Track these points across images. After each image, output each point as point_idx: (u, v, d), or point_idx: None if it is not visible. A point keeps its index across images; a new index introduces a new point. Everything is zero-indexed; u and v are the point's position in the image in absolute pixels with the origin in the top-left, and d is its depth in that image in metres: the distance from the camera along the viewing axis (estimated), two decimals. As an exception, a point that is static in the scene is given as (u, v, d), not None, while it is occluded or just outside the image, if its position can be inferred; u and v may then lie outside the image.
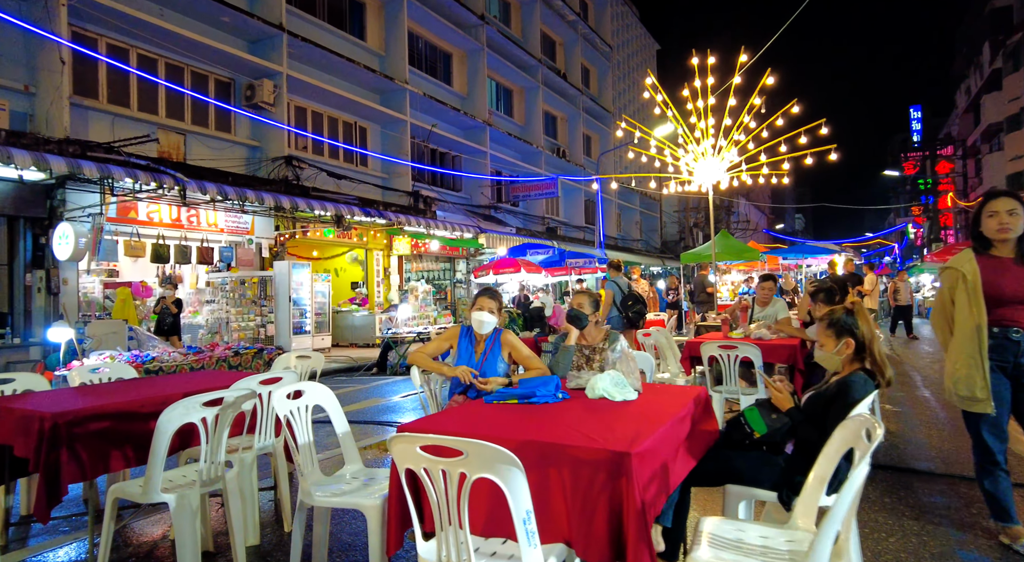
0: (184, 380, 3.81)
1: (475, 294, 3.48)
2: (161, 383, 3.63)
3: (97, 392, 3.34)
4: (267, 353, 7.58)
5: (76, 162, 7.95)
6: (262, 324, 13.94)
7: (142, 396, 3.07)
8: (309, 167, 14.51)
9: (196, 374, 4.22)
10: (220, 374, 4.16)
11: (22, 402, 2.97)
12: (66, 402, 2.92)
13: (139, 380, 3.90)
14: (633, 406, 2.48)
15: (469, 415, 2.45)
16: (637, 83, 38.69)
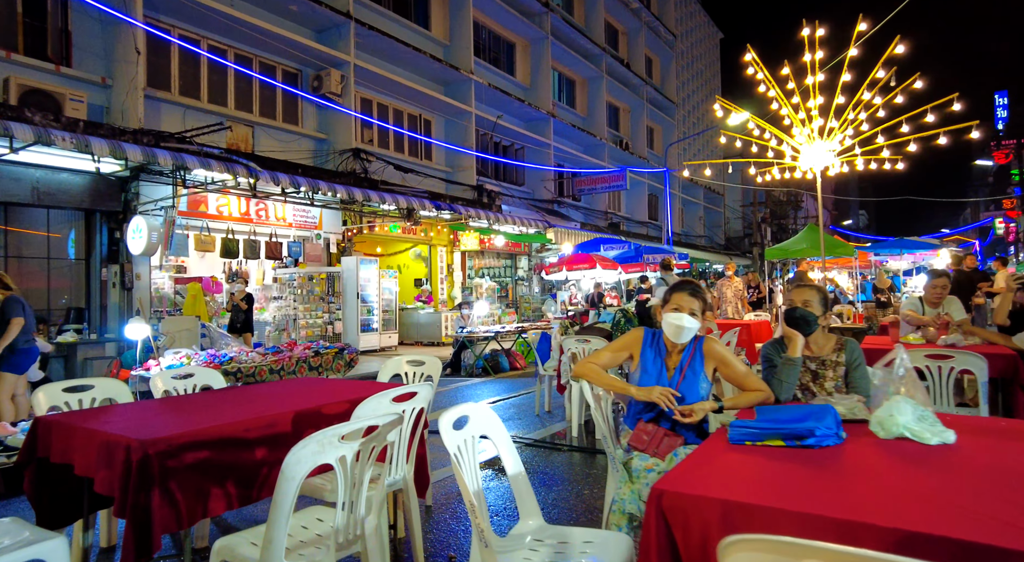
0: (284, 391, 3.19)
1: (667, 290, 2.66)
2: (261, 397, 3.00)
3: (188, 407, 2.74)
4: (348, 353, 7.03)
5: (151, 151, 7.60)
6: (329, 321, 13.57)
7: (245, 416, 2.43)
8: (376, 160, 14.06)
9: (294, 383, 3.59)
10: (322, 383, 3.53)
11: (105, 421, 2.38)
12: (156, 423, 2.32)
13: (232, 391, 3.30)
14: (976, 456, 1.66)
15: (745, 468, 1.67)
16: (701, 73, 37.16)
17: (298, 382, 3.56)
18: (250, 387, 3.37)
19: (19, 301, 5.87)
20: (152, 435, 2.07)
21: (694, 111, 35.80)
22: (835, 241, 15.78)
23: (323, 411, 2.58)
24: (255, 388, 3.33)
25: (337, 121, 14.00)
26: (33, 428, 2.48)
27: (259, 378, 6.10)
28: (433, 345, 15.45)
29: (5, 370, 5.92)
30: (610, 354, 2.66)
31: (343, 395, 2.88)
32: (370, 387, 3.17)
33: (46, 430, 2.42)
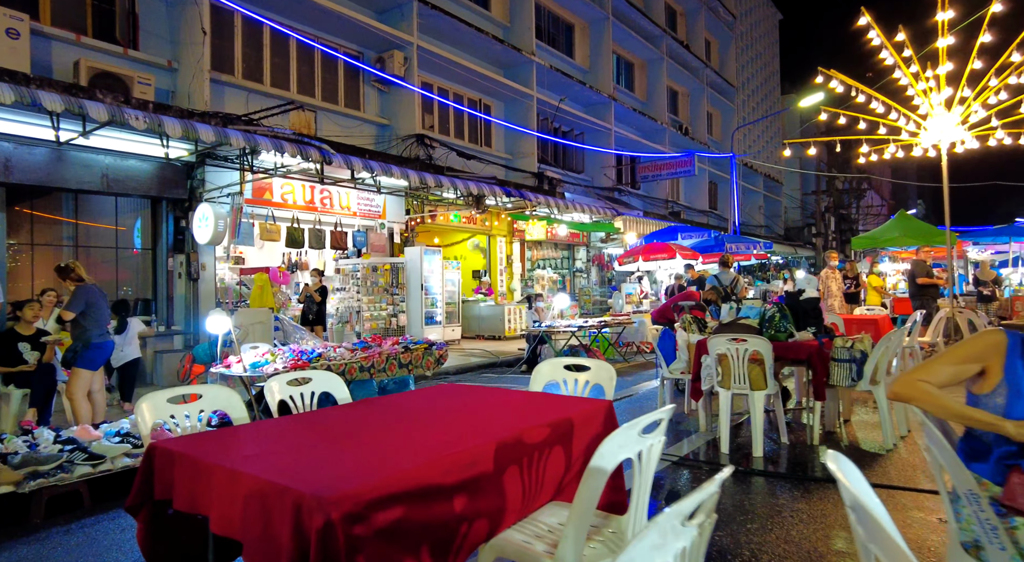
0: (444, 406, 2.53)
1: None
2: (423, 416, 2.34)
3: (342, 432, 2.10)
4: (436, 349, 6.40)
5: (223, 131, 7.11)
6: (393, 313, 13.08)
7: (436, 450, 1.76)
8: (440, 146, 13.45)
9: (439, 393, 2.94)
10: (478, 395, 2.86)
11: (244, 454, 1.75)
12: (319, 462, 1.67)
13: (376, 406, 2.66)
14: None
15: None
16: (760, 56, 35.48)
17: (444, 392, 2.90)
18: (392, 400, 2.72)
19: (87, 293, 5.45)
20: (330, 487, 1.42)
21: (753, 95, 34.19)
22: (933, 229, 14.48)
23: (524, 440, 1.90)
24: (400, 401, 2.67)
25: (400, 106, 13.44)
26: (147, 459, 1.88)
27: (350, 376, 5.52)
28: (495, 339, 14.84)
29: (80, 366, 5.50)
30: (952, 368, 1.86)
31: (533, 415, 2.20)
32: (556, 402, 2.47)
33: (165, 463, 1.81)
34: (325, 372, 3.14)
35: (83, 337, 5.49)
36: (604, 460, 1.57)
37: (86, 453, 3.93)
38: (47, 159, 8.30)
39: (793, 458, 4.44)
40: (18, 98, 5.61)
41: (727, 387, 4.43)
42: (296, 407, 2.98)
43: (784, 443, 4.69)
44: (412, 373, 6.21)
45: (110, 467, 3.98)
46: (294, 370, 5.04)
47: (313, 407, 3.03)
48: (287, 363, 5.19)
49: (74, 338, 5.50)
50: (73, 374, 5.52)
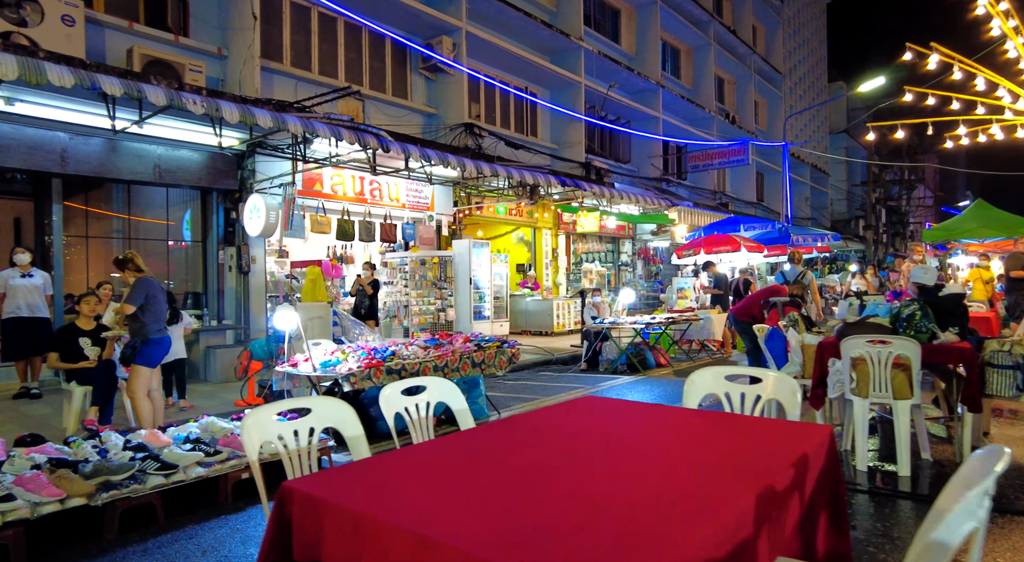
0: (617, 433, 2.07)
1: None
2: (612, 446, 1.88)
3: (520, 468, 1.65)
4: (508, 347, 5.97)
5: (280, 116, 6.77)
6: (442, 308, 12.71)
7: (697, 506, 1.29)
8: (489, 136, 13.01)
9: (588, 409, 2.49)
10: (640, 414, 2.40)
11: (422, 513, 1.31)
12: (550, 538, 1.21)
13: (536, 425, 2.21)
14: None
15: None
16: (807, 42, 34.15)
17: (598, 408, 2.45)
18: (546, 420, 2.27)
19: (147, 285, 5.16)
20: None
21: (800, 82, 32.91)
22: (1018, 219, 13.51)
23: (775, 486, 1.43)
24: (559, 421, 2.23)
25: (447, 95, 13.04)
26: (281, 505, 1.47)
27: (424, 376, 5.11)
28: (543, 334, 14.40)
29: (139, 363, 5.21)
30: None
31: (760, 449, 1.73)
32: (773, 429, 1.97)
33: (308, 513, 1.40)
34: (439, 379, 2.72)
35: (142, 332, 5.20)
36: (949, 533, 1.10)
37: (158, 462, 3.60)
38: (101, 150, 8.10)
39: (944, 478, 3.88)
40: (78, 81, 5.33)
41: (864, 395, 3.88)
42: (412, 422, 2.57)
43: (926, 459, 4.13)
44: (484, 373, 5.79)
45: (183, 477, 3.64)
46: (369, 370, 4.65)
47: (430, 421, 2.61)
48: (360, 362, 4.81)
49: (132, 333, 5.21)
50: (132, 371, 5.24)
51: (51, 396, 7.10)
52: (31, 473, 3.21)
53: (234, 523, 3.51)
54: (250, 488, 3.95)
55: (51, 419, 6.06)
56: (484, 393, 6.07)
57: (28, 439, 3.85)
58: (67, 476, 3.24)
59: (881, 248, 33.79)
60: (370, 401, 5.60)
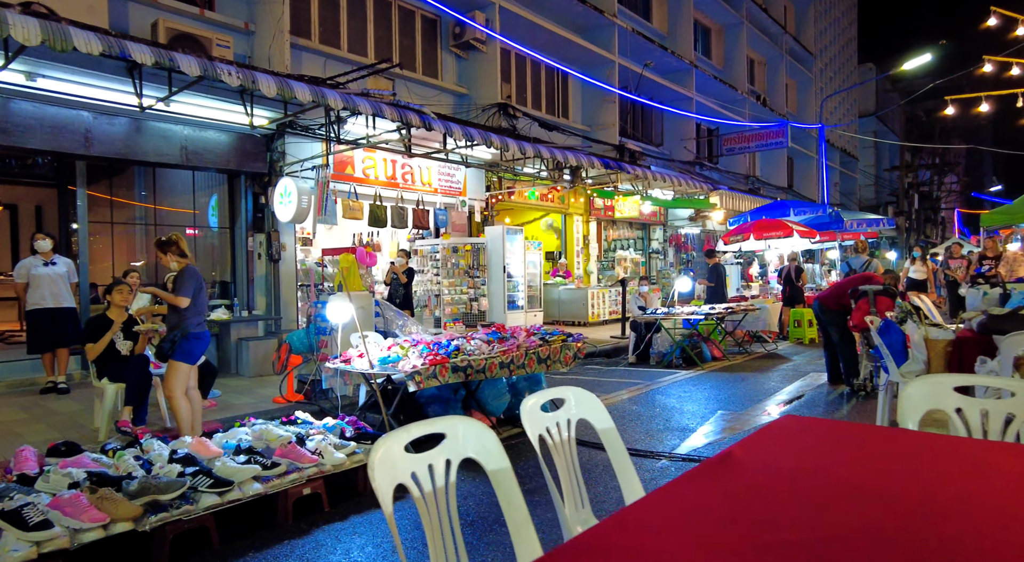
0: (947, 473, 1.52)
1: None
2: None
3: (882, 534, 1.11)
4: (574, 342, 5.44)
5: (320, 90, 6.25)
6: (474, 298, 12.22)
7: None
8: (523, 117, 12.42)
9: (837, 434, 1.93)
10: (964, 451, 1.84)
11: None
12: None
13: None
14: None
15: None
16: (838, 21, 33.00)
17: (827, 435, 1.90)
18: (769, 451, 1.72)
19: (196, 274, 4.68)
20: None
21: (831, 64, 31.84)
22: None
23: None
24: (786, 452, 1.68)
25: (479, 74, 12.44)
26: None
27: (489, 374, 4.60)
28: (577, 325, 13.85)
29: (178, 359, 4.75)
30: None
31: None
32: None
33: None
34: (578, 390, 2.18)
35: (181, 325, 4.73)
36: None
37: (211, 477, 3.12)
38: (127, 130, 7.63)
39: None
40: (106, 49, 4.82)
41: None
42: (554, 444, 2.04)
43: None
44: (549, 369, 5.27)
45: (239, 495, 3.15)
46: (433, 365, 4.15)
47: (572, 441, 2.08)
48: (424, 358, 4.30)
49: (171, 327, 4.74)
50: (171, 368, 4.77)
51: (79, 390, 6.68)
52: (69, 494, 2.74)
53: (300, 551, 3.02)
54: (312, 505, 3.46)
55: (80, 417, 5.64)
56: (547, 391, 5.55)
57: (63, 448, 3.39)
58: (110, 497, 2.76)
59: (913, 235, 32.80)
60: (427, 400, 5.11)
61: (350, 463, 3.64)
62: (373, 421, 4.90)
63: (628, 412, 5.69)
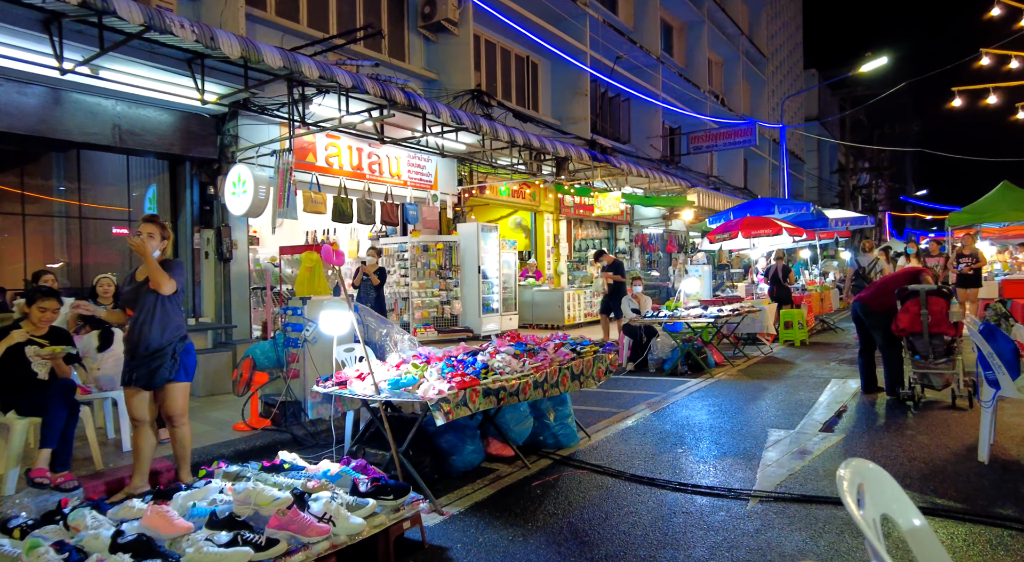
0: None
1: None
2: None
3: None
4: (606, 352, 4.63)
5: (294, 57, 5.19)
6: (446, 300, 11.25)
7: None
8: (497, 106, 11.55)
9: None
10: None
11: None
12: None
13: None
14: None
15: None
16: (787, 26, 33.68)
17: None
18: None
19: (183, 269, 3.73)
20: None
21: (780, 67, 32.45)
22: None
23: None
24: None
25: (450, 58, 11.50)
26: None
27: (523, 397, 3.73)
28: (552, 328, 13.08)
29: (182, 379, 3.75)
30: None
31: None
32: None
33: None
34: (863, 463, 1.34)
35: (180, 332, 3.74)
36: None
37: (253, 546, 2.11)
38: (41, 102, 6.29)
39: None
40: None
41: None
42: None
43: None
44: (582, 387, 4.44)
45: (223, 595, 2.16)
46: (462, 389, 3.24)
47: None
48: (450, 381, 3.38)
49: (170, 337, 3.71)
50: (177, 392, 3.72)
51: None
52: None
53: None
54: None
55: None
56: (572, 411, 4.71)
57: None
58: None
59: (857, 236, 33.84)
60: (437, 429, 4.17)
61: (369, 529, 2.69)
62: (373, 458, 3.93)
63: (665, 433, 4.92)
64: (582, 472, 4.02)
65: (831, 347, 9.89)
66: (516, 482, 3.88)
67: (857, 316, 5.78)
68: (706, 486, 3.63)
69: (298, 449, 4.81)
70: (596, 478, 3.91)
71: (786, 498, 3.38)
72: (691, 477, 3.84)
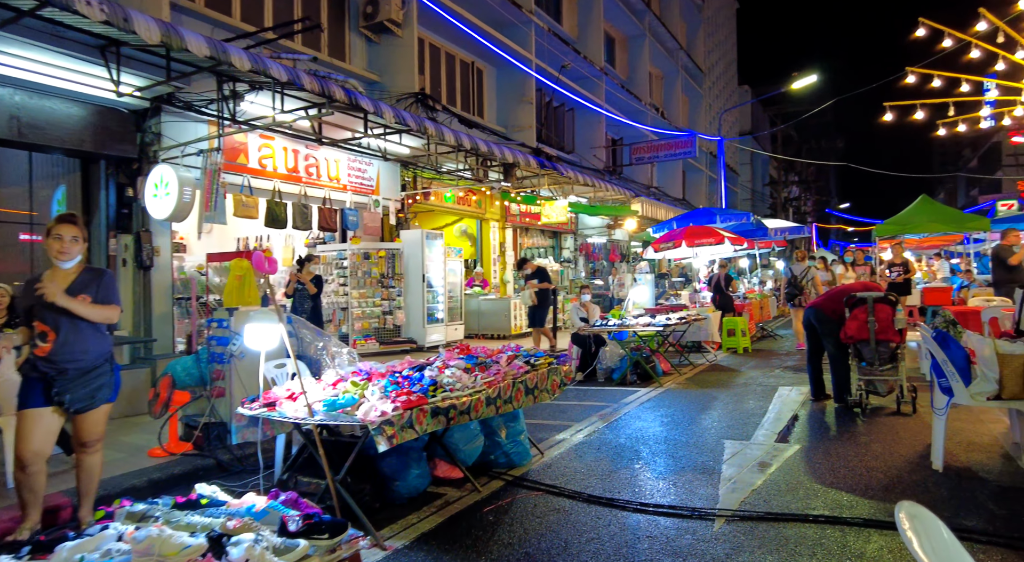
0: None
1: None
2: None
3: None
4: (561, 363, 4.40)
5: (221, 45, 4.75)
6: (388, 311, 10.82)
7: None
8: (442, 111, 11.26)
9: None
10: None
11: None
12: None
13: None
14: None
15: None
16: (721, 45, 34.93)
17: None
18: None
19: (115, 281, 3.36)
20: None
21: (716, 83, 33.58)
22: (965, 214, 13.74)
23: None
24: None
25: (393, 60, 11.14)
26: None
27: (475, 415, 3.44)
28: (499, 338, 12.83)
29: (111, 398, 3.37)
30: None
31: None
32: None
33: None
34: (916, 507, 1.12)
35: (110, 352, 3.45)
36: None
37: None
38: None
39: None
40: None
41: None
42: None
43: None
44: (537, 401, 4.19)
45: None
46: (407, 409, 2.94)
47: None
48: (394, 400, 3.05)
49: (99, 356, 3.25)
50: (99, 416, 3.28)
51: None
52: None
53: None
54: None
55: None
56: (525, 427, 4.45)
57: None
58: None
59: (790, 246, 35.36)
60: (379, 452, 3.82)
61: (301, 577, 2.33)
62: (306, 487, 3.54)
63: (620, 447, 4.72)
64: (537, 494, 3.76)
65: (773, 354, 10.06)
66: (466, 508, 3.58)
67: (810, 322, 5.79)
68: (669, 506, 3.44)
69: (222, 477, 4.35)
70: (552, 500, 3.65)
71: (753, 517, 3.22)
72: (652, 496, 3.64)
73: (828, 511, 3.29)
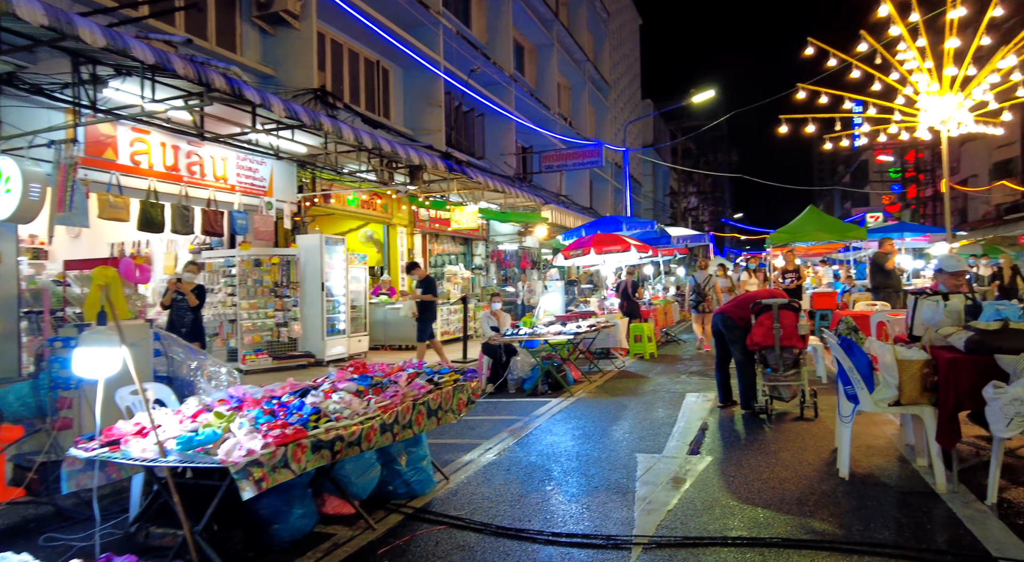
0: None
1: None
2: None
3: None
4: (467, 379, 4.05)
5: (67, 15, 4.02)
6: (283, 322, 10.01)
7: None
8: (344, 109, 10.64)
9: None
10: None
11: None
12: None
13: None
14: None
15: None
16: (625, 59, 36.14)
17: None
18: None
19: None
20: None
21: (621, 95, 34.67)
22: (841, 224, 14.76)
23: None
24: None
25: (290, 53, 10.42)
26: None
27: (366, 446, 3.01)
28: (409, 349, 12.28)
29: None
30: None
31: None
32: None
33: None
34: None
35: None
36: None
37: None
38: None
39: None
40: None
41: None
42: None
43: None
44: (441, 422, 3.80)
45: None
46: (280, 445, 2.48)
47: None
48: (266, 434, 2.57)
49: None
50: None
51: None
52: None
53: None
54: None
55: None
56: (428, 452, 4.05)
57: None
58: None
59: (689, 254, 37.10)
60: (255, 490, 3.28)
61: None
62: (160, 540, 2.96)
63: (531, 466, 4.43)
64: (440, 528, 3.37)
65: (678, 359, 10.22)
66: (358, 550, 3.13)
67: (718, 329, 5.79)
68: (582, 535, 3.16)
69: (62, 528, 3.63)
70: (456, 535, 3.28)
71: (671, 543, 3.01)
72: (564, 523, 3.36)
73: (746, 531, 3.14)
